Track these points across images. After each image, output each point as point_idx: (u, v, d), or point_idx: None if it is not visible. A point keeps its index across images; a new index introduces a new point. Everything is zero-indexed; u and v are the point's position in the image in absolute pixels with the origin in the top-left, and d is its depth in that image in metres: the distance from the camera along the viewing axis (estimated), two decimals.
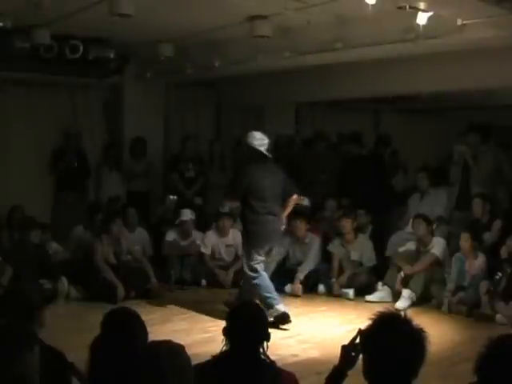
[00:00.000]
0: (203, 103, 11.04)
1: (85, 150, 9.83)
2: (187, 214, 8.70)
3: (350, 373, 2.68)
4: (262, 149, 6.67)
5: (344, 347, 2.68)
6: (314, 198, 9.25)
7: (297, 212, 8.71)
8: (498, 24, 6.05)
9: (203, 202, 9.72)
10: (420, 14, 5.82)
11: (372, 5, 5.70)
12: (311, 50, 7.45)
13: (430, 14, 5.83)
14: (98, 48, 8.78)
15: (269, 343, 3.04)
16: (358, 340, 2.60)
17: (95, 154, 10.08)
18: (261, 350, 3.01)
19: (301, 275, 8.21)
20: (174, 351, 2.39)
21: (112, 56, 9.04)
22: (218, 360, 3.01)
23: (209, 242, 8.71)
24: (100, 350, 2.88)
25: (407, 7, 5.53)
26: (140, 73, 9.72)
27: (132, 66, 9.80)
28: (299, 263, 8.41)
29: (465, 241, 7.31)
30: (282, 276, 8.14)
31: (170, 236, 8.79)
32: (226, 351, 3.00)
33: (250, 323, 3.02)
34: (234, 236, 8.67)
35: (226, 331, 3.02)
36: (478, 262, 7.29)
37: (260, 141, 6.70)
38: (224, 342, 3.00)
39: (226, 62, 8.29)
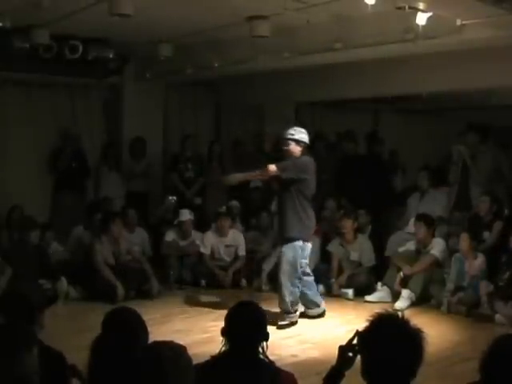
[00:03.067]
0: (203, 103, 11.02)
1: (84, 150, 9.82)
2: (186, 215, 8.70)
3: (348, 373, 2.68)
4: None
5: (341, 348, 2.68)
6: (314, 197, 9.26)
7: None
8: (497, 24, 6.06)
9: (203, 202, 9.72)
10: (419, 14, 5.82)
11: (371, 5, 5.71)
12: (311, 50, 7.45)
13: (430, 14, 5.84)
14: (98, 48, 8.77)
15: (268, 343, 3.04)
16: (355, 341, 2.60)
17: (95, 154, 10.07)
18: (260, 349, 3.01)
19: None
20: (176, 352, 2.40)
21: (111, 56, 9.04)
22: (217, 360, 3.01)
23: (208, 242, 8.70)
24: (101, 350, 2.88)
25: (406, 7, 5.53)
26: (140, 73, 9.71)
27: (132, 66, 9.79)
28: None
29: (464, 241, 7.31)
30: None
31: (170, 236, 8.79)
32: (225, 351, 3.00)
33: (248, 323, 3.02)
34: (234, 236, 8.67)
35: (224, 331, 3.02)
36: (478, 262, 7.29)
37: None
38: (223, 343, 3.01)
39: (226, 62, 8.29)
